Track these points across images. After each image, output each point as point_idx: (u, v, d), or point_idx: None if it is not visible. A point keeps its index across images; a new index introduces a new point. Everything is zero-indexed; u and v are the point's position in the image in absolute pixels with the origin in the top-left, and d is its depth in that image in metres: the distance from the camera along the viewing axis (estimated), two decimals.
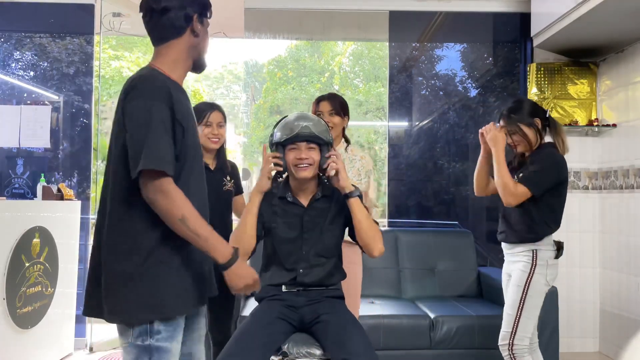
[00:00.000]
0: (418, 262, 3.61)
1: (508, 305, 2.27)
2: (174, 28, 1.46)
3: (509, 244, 2.34)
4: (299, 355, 1.91)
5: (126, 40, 10.22)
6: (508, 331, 2.23)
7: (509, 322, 2.23)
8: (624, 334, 3.42)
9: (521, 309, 2.20)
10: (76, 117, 3.98)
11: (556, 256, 2.25)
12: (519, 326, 2.20)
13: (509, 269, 2.36)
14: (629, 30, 3.17)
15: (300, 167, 1.94)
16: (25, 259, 2.88)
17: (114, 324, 1.43)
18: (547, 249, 2.24)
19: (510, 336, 2.21)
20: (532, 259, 2.22)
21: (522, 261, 2.25)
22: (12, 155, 3.81)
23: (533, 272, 2.21)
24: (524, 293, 2.20)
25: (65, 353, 3.41)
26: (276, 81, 13.05)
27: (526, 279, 2.21)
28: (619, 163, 3.56)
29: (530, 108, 2.31)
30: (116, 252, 1.37)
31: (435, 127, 4.25)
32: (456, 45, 4.34)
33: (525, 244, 2.25)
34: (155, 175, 1.32)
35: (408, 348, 2.94)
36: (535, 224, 2.22)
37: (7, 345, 2.76)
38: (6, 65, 4.00)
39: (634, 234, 3.37)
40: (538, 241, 2.23)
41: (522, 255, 2.25)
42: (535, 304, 2.22)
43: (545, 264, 2.22)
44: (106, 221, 1.39)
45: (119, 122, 1.41)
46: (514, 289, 2.24)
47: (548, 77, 3.77)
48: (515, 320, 2.21)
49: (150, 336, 1.38)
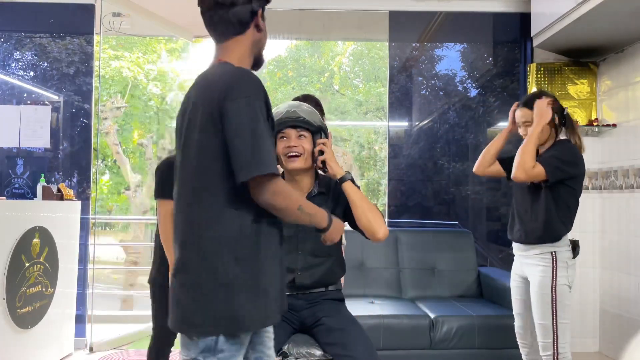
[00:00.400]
0: (418, 262, 3.61)
1: (539, 314, 2.18)
2: (240, 23, 1.40)
3: (524, 245, 2.26)
4: (299, 355, 1.91)
5: (126, 40, 10.22)
6: (549, 341, 2.15)
7: (547, 333, 2.15)
8: (624, 334, 3.42)
9: (555, 317, 2.13)
10: (76, 117, 3.98)
11: (574, 256, 2.19)
12: (559, 334, 2.13)
13: (522, 271, 2.29)
14: (629, 30, 3.17)
15: (289, 157, 1.85)
16: (25, 259, 2.88)
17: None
18: (565, 250, 2.17)
19: (553, 346, 2.14)
20: (552, 261, 2.15)
21: (540, 265, 2.17)
22: (12, 155, 3.81)
23: (556, 275, 2.13)
24: (553, 300, 2.13)
25: (65, 353, 3.41)
26: (276, 81, 13.05)
27: (551, 284, 2.13)
28: (619, 163, 3.56)
29: (550, 100, 2.28)
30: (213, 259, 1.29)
31: (435, 127, 4.25)
32: (456, 45, 4.34)
33: (544, 245, 2.17)
34: (268, 178, 1.27)
35: (408, 348, 2.94)
36: (554, 223, 2.16)
37: (7, 345, 2.76)
38: (6, 65, 4.00)
39: (634, 234, 3.37)
40: (556, 242, 2.16)
41: (540, 258, 2.18)
42: (566, 307, 2.15)
43: (566, 265, 2.16)
44: (197, 223, 1.31)
45: (211, 121, 1.30)
46: (540, 297, 2.16)
47: (548, 77, 3.77)
48: (553, 329, 2.14)
49: (215, 353, 1.29)
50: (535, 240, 2.20)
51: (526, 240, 2.24)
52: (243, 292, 1.28)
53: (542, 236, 2.18)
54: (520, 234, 2.26)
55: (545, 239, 2.17)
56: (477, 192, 4.60)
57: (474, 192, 4.57)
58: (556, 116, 2.25)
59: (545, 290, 2.15)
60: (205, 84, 1.37)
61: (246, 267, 1.30)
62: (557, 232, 2.17)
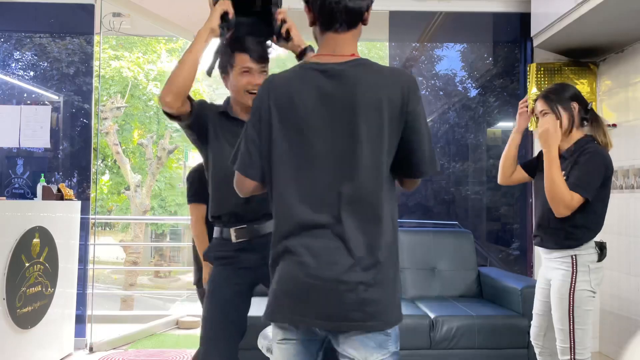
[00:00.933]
0: (418, 262, 3.61)
1: (557, 318, 2.13)
2: (360, 14, 1.35)
3: (545, 249, 2.20)
4: None
5: (126, 40, 10.23)
6: (566, 346, 2.10)
7: (564, 337, 2.10)
8: (624, 334, 3.42)
9: (572, 322, 2.08)
10: (76, 117, 3.98)
11: (599, 259, 2.10)
12: (576, 340, 2.08)
13: (547, 274, 2.23)
14: (629, 30, 3.17)
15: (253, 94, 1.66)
16: (25, 259, 2.88)
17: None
18: (588, 253, 2.08)
19: (571, 352, 2.09)
20: (573, 265, 2.07)
21: (560, 269, 2.11)
22: (12, 155, 3.81)
23: (575, 279, 2.06)
24: (571, 304, 2.07)
25: (65, 353, 3.41)
26: None
27: (569, 288, 2.07)
28: (619, 163, 3.56)
29: (572, 92, 2.19)
30: (391, 252, 1.32)
31: (435, 127, 4.25)
32: (456, 45, 4.34)
33: (564, 250, 2.10)
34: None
35: (408, 348, 2.94)
36: (577, 230, 2.08)
37: (7, 345, 2.76)
38: (6, 65, 4.00)
39: (634, 234, 3.37)
40: (579, 246, 2.08)
41: (561, 262, 2.11)
42: (585, 313, 2.08)
43: (587, 270, 2.07)
44: (383, 220, 1.30)
45: (396, 120, 1.29)
46: (558, 301, 2.10)
47: (548, 77, 3.77)
48: (570, 334, 2.08)
49: (398, 339, 1.36)
50: (554, 245, 2.14)
51: (545, 245, 2.19)
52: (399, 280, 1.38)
53: (563, 243, 2.11)
54: (541, 239, 2.20)
55: (566, 246, 2.10)
56: (477, 192, 4.60)
57: (474, 192, 4.57)
58: (576, 112, 2.16)
59: (564, 294, 2.08)
60: (377, 81, 1.30)
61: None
62: (581, 239, 2.09)
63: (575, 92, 2.20)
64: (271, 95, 1.32)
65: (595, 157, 2.06)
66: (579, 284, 2.06)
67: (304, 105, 1.29)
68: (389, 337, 1.29)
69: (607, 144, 2.16)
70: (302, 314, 1.26)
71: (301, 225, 1.28)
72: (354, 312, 1.24)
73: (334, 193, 1.27)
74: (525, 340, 2.95)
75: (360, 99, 1.27)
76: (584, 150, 2.10)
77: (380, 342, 1.28)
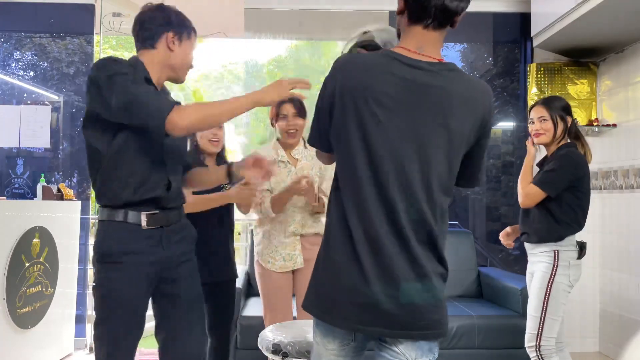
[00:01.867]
0: None
1: (532, 306, 2.28)
2: (453, 15, 1.29)
3: (530, 244, 2.37)
4: (299, 355, 1.91)
5: (126, 40, 10.22)
6: (534, 333, 2.24)
7: (534, 324, 2.25)
8: (624, 334, 3.42)
9: (545, 311, 2.22)
10: (76, 117, 3.98)
11: (579, 256, 2.27)
12: (545, 327, 2.22)
13: (532, 269, 2.38)
14: (629, 30, 3.17)
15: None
16: (25, 259, 2.88)
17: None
18: (569, 250, 2.26)
19: (537, 338, 2.23)
20: (554, 259, 2.24)
21: (543, 262, 2.27)
22: (12, 155, 3.81)
23: (555, 272, 2.23)
24: (547, 294, 2.22)
25: (65, 353, 3.41)
26: None
27: (548, 280, 2.23)
28: (619, 163, 3.56)
29: (565, 105, 2.39)
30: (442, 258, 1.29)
31: None
32: (456, 45, 4.34)
33: (547, 244, 2.27)
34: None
35: None
36: (557, 224, 2.26)
37: (7, 345, 2.76)
38: (6, 65, 4.00)
39: (634, 234, 3.37)
40: (560, 241, 2.26)
41: (544, 256, 2.28)
42: (559, 305, 2.23)
43: (568, 265, 2.24)
44: (436, 225, 1.26)
45: (475, 132, 1.28)
46: (536, 291, 2.26)
47: (548, 77, 3.77)
48: (540, 322, 2.23)
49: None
50: (537, 239, 2.31)
51: (530, 240, 2.36)
52: None
53: (545, 237, 2.28)
54: (527, 235, 2.37)
55: (548, 240, 2.27)
56: (477, 192, 4.60)
57: (474, 192, 4.57)
58: (569, 125, 2.37)
59: (542, 284, 2.24)
60: (472, 92, 1.27)
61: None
62: (562, 234, 2.26)
63: (567, 104, 2.42)
64: (339, 77, 1.27)
65: (565, 159, 2.28)
66: (558, 277, 2.23)
67: (385, 91, 1.22)
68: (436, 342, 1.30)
69: (586, 154, 2.39)
70: (369, 323, 1.23)
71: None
72: (421, 321, 1.23)
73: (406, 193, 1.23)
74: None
75: (456, 101, 1.23)
76: (558, 152, 2.33)
77: (431, 347, 1.28)
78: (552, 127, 2.35)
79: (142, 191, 1.65)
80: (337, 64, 1.31)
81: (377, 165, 1.22)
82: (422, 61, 1.24)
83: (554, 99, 2.42)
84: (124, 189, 1.64)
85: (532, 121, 2.41)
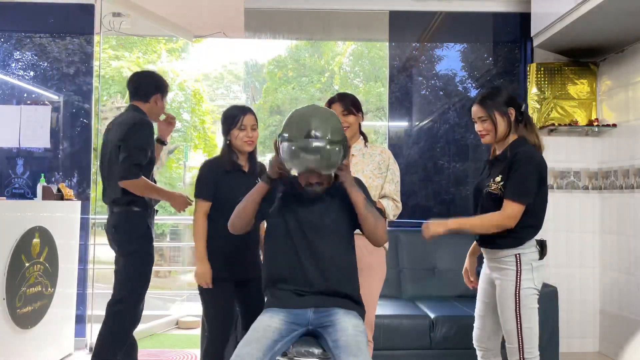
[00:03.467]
0: (418, 262, 3.61)
1: (504, 319, 2.14)
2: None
3: (490, 250, 2.21)
4: (299, 354, 1.91)
5: (126, 40, 10.23)
6: (514, 346, 2.11)
7: (513, 337, 2.11)
8: (624, 334, 3.42)
9: (520, 321, 2.09)
10: (76, 117, 3.97)
11: (540, 257, 2.13)
12: (524, 339, 2.09)
13: (491, 275, 2.24)
14: (629, 30, 3.17)
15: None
16: (25, 259, 2.88)
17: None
18: (530, 251, 2.11)
19: (519, 352, 2.10)
20: (517, 264, 2.10)
21: (506, 268, 2.12)
22: (12, 155, 3.81)
23: (520, 278, 2.09)
24: (517, 304, 2.08)
25: (65, 353, 3.41)
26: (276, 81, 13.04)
27: (515, 288, 2.08)
28: (619, 163, 3.56)
29: (507, 97, 2.17)
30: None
31: (435, 127, 4.24)
32: (456, 45, 4.34)
33: (508, 249, 2.12)
34: None
35: (408, 348, 2.95)
36: (522, 229, 2.09)
37: (7, 345, 2.76)
38: (6, 65, 4.00)
39: (634, 234, 3.37)
40: (520, 245, 2.11)
41: (505, 262, 2.13)
42: (532, 311, 2.10)
43: (531, 267, 2.10)
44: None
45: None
46: (505, 302, 2.12)
47: (548, 77, 3.77)
48: (517, 334, 2.09)
49: None
50: (498, 246, 2.15)
51: (489, 245, 2.20)
52: None
53: (505, 242, 2.12)
54: (485, 241, 2.21)
55: (509, 245, 2.12)
56: None
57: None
58: (513, 118, 2.16)
59: (510, 294, 2.10)
60: None
61: None
62: (523, 238, 2.11)
63: (510, 95, 2.20)
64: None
65: (527, 163, 2.06)
66: (524, 282, 2.08)
67: None
68: None
69: (539, 146, 2.17)
70: None
71: None
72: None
73: None
74: None
75: None
76: (517, 155, 2.09)
77: None
78: (492, 126, 2.14)
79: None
80: None
81: None
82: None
83: (490, 95, 2.18)
84: None
85: (475, 121, 2.22)
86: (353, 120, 2.44)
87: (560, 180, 3.83)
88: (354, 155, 2.44)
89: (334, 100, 2.48)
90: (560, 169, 3.83)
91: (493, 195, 2.12)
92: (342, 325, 1.85)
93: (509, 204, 2.05)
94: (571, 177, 3.82)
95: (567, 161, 3.83)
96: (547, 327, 2.93)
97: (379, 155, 2.46)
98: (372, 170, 2.43)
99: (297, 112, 1.86)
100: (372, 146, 2.51)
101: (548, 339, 2.91)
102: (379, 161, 2.45)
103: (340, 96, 2.48)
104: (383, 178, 2.43)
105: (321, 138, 1.75)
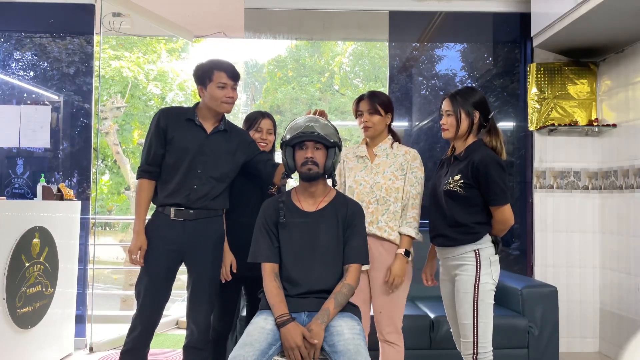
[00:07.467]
0: (418, 262, 3.60)
1: (461, 314, 2.17)
2: None
3: (448, 248, 2.23)
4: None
5: (126, 40, 10.23)
6: (470, 340, 2.14)
7: (468, 331, 2.14)
8: (624, 334, 3.42)
9: (477, 316, 2.12)
10: (76, 117, 3.97)
11: (496, 252, 2.18)
12: (479, 333, 2.12)
13: (450, 273, 2.26)
14: (629, 30, 3.17)
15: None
16: (25, 259, 2.88)
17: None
18: (487, 247, 2.16)
19: (474, 346, 2.13)
20: (476, 259, 2.14)
21: (466, 264, 2.15)
22: (12, 155, 3.81)
23: (479, 273, 2.13)
24: (475, 299, 2.12)
25: (65, 353, 3.41)
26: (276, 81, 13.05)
27: (474, 282, 2.12)
28: (619, 163, 3.56)
29: (478, 100, 2.22)
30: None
31: (435, 127, 4.24)
32: (456, 45, 4.34)
33: (467, 245, 2.16)
34: None
35: (408, 348, 2.93)
36: (477, 224, 2.15)
37: (7, 345, 2.76)
38: (6, 65, 4.00)
39: (634, 234, 3.37)
40: (479, 240, 2.15)
41: (465, 257, 2.16)
42: (488, 306, 2.14)
43: (489, 262, 2.14)
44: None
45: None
46: (463, 296, 2.15)
47: (548, 77, 3.77)
48: (473, 328, 2.13)
49: None
50: (457, 242, 2.18)
51: (448, 243, 2.22)
52: None
53: (465, 238, 2.16)
54: (444, 239, 2.23)
55: (469, 240, 2.16)
56: None
57: None
58: (476, 120, 2.22)
59: (468, 289, 2.14)
60: None
61: None
62: (482, 232, 2.16)
63: (481, 99, 2.24)
64: None
65: (493, 168, 2.12)
66: (482, 277, 2.13)
67: None
68: None
69: (501, 153, 2.23)
70: None
71: None
72: None
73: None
74: (525, 340, 2.95)
75: None
76: (481, 159, 2.14)
77: None
78: (455, 123, 2.20)
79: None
80: None
81: None
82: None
83: (462, 93, 2.23)
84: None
85: (442, 113, 2.27)
86: (377, 121, 2.41)
87: (560, 180, 3.83)
88: (378, 155, 2.44)
89: (363, 97, 2.45)
90: (560, 169, 3.83)
91: (451, 193, 2.18)
92: (338, 329, 1.88)
93: (498, 210, 2.15)
94: (571, 177, 3.82)
95: (567, 161, 3.83)
96: (547, 327, 2.94)
97: (402, 156, 2.41)
98: (394, 172, 2.39)
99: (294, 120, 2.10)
100: (399, 147, 2.47)
101: (548, 339, 2.91)
102: (401, 162, 2.41)
103: (370, 94, 2.44)
104: (404, 180, 2.40)
105: (320, 120, 2.07)
